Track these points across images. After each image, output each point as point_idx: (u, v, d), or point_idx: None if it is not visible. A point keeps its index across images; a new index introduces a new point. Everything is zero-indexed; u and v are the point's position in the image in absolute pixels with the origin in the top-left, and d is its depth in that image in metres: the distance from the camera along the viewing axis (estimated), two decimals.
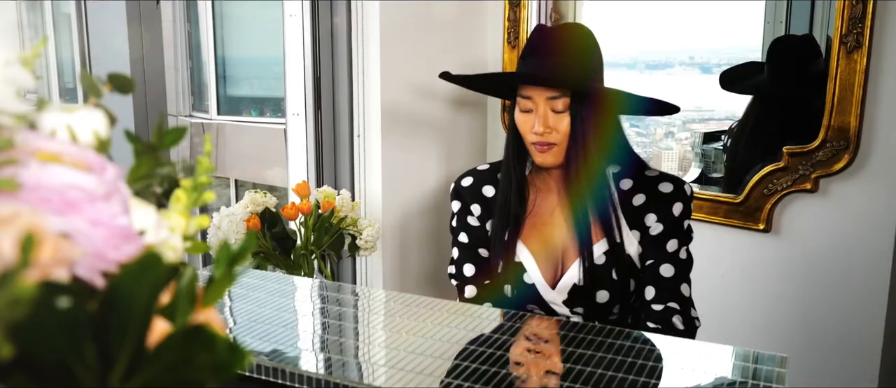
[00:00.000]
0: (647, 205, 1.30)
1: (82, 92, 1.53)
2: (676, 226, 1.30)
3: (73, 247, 0.32)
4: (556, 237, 1.34)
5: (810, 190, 1.65)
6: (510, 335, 1.02)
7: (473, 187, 1.40)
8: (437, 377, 0.86)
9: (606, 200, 1.31)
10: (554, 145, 1.28)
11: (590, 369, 0.88)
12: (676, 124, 1.96)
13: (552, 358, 0.94)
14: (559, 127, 1.27)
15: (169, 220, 0.40)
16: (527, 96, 1.28)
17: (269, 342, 0.97)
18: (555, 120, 1.27)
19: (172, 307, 0.34)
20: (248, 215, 1.64)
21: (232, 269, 0.36)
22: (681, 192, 1.31)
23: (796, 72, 1.72)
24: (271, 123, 3.02)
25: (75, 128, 0.38)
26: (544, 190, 1.37)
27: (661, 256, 1.29)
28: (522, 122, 1.30)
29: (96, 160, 0.35)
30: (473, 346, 0.95)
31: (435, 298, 1.15)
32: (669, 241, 1.29)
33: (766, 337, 1.78)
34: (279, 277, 1.35)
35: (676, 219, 1.30)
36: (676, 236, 1.30)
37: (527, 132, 1.29)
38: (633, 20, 1.95)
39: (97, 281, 0.33)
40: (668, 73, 1.91)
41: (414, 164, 2.00)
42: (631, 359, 0.91)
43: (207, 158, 0.41)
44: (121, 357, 0.32)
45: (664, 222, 1.29)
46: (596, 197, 1.30)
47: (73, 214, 0.33)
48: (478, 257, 1.38)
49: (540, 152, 1.29)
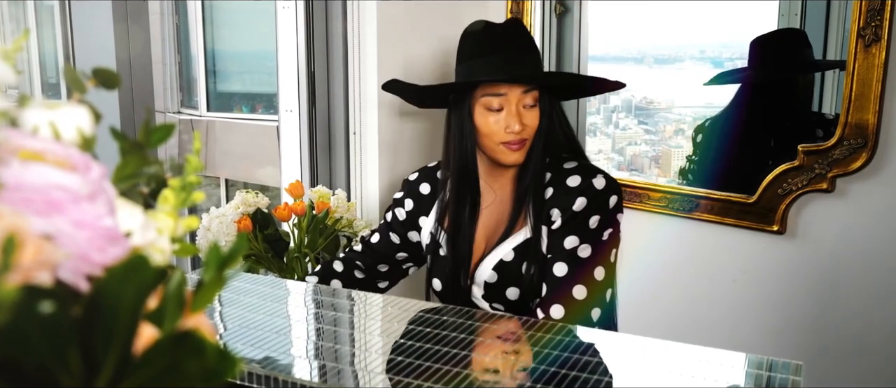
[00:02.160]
0: (553, 198, 1.31)
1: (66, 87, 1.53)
2: (576, 222, 1.28)
3: (56, 249, 0.32)
4: (484, 234, 1.39)
5: (827, 190, 1.65)
6: (509, 341, 1.02)
7: (414, 184, 1.50)
8: (436, 385, 0.86)
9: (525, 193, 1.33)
10: (526, 142, 1.31)
11: (596, 377, 0.88)
12: (686, 122, 1.96)
13: (525, 363, 0.94)
14: (532, 123, 1.31)
15: (156, 221, 0.40)
16: (498, 94, 1.29)
17: (261, 349, 0.97)
18: (527, 116, 1.31)
19: (160, 312, 0.35)
20: (240, 216, 1.64)
21: (222, 272, 0.36)
22: (588, 186, 1.29)
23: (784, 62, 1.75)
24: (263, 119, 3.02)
25: (58, 125, 0.38)
26: (486, 190, 1.41)
27: (556, 252, 1.28)
28: (492, 122, 1.31)
29: (80, 159, 0.35)
30: (474, 354, 0.95)
31: (433, 302, 1.15)
32: (568, 237, 1.27)
33: (780, 344, 1.79)
34: (271, 280, 1.35)
35: (577, 214, 1.28)
36: (576, 233, 1.27)
37: (497, 132, 1.31)
38: (642, 12, 1.95)
39: (81, 285, 0.33)
40: (678, 67, 1.91)
41: (412, 163, 2.00)
42: (638, 365, 0.91)
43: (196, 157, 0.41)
44: (106, 364, 0.32)
45: (563, 216, 1.28)
46: (529, 188, 1.33)
47: (57, 215, 0.33)
48: (382, 250, 1.51)
49: (512, 151, 1.31)
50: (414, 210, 1.49)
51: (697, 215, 1.83)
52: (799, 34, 1.71)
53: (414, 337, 1.00)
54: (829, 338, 1.72)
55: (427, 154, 2.04)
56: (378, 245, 1.52)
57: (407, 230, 1.50)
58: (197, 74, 3.14)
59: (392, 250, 1.52)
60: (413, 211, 1.49)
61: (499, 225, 1.38)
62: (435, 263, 1.44)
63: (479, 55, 1.32)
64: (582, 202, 1.28)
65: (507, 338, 1.03)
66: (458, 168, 1.36)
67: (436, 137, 2.05)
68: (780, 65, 1.75)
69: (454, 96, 1.36)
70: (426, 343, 0.98)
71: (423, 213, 1.48)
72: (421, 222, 1.49)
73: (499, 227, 1.38)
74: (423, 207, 1.48)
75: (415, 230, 1.50)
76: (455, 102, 1.36)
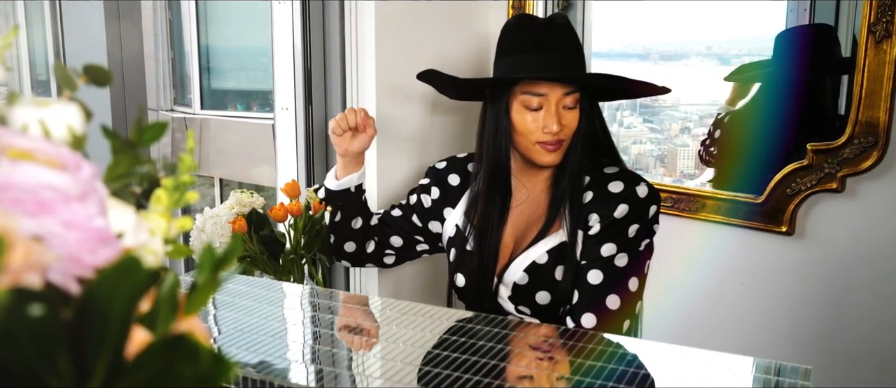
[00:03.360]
0: (593, 203, 1.30)
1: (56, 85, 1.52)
2: (616, 229, 1.28)
3: (46, 251, 0.32)
4: (514, 234, 1.38)
5: (837, 190, 1.65)
6: (512, 344, 1.02)
7: (442, 172, 1.50)
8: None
9: (563, 195, 1.33)
10: (563, 143, 1.29)
11: (600, 381, 0.88)
12: (693, 119, 1.96)
13: (561, 370, 0.94)
14: (571, 124, 1.30)
15: (149, 222, 0.40)
16: (538, 94, 1.28)
17: (257, 353, 0.97)
18: (566, 117, 1.30)
19: (153, 315, 0.35)
20: (234, 216, 1.64)
21: (216, 274, 0.36)
22: (631, 194, 1.28)
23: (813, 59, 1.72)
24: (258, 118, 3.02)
25: (49, 123, 0.38)
26: (518, 188, 1.40)
27: (593, 258, 1.28)
28: (529, 120, 1.30)
29: (71, 158, 0.35)
30: (476, 357, 0.95)
31: (434, 305, 1.15)
32: (605, 244, 1.27)
33: (788, 348, 1.78)
34: (267, 283, 1.35)
35: (617, 221, 1.28)
36: (614, 241, 1.27)
37: (533, 131, 1.30)
38: (646, 8, 1.95)
39: (72, 287, 0.33)
40: (684, 64, 1.91)
41: (412, 162, 1.99)
42: (644, 371, 0.91)
43: (190, 156, 0.41)
44: (97, 368, 0.32)
45: (603, 223, 1.28)
46: (567, 191, 1.32)
47: (47, 215, 0.33)
48: (402, 225, 1.53)
49: (548, 152, 1.30)
50: (440, 200, 1.49)
51: (704, 215, 1.83)
52: (830, 31, 1.69)
53: (448, 347, 1.00)
54: (838, 342, 1.72)
55: (427, 153, 2.03)
56: (398, 220, 1.54)
57: (429, 219, 1.51)
58: (190, 70, 3.15)
59: (412, 230, 1.53)
60: (439, 200, 1.49)
61: (530, 225, 1.37)
62: (460, 258, 1.43)
63: (521, 51, 1.30)
64: (624, 210, 1.28)
65: (543, 349, 1.03)
66: (490, 164, 1.35)
67: (436, 136, 2.05)
68: (812, 62, 1.73)
69: (491, 91, 1.35)
70: (458, 353, 0.98)
71: (450, 204, 1.48)
72: (445, 213, 1.48)
73: (530, 227, 1.37)
74: (450, 198, 1.48)
75: (438, 221, 1.50)
76: (492, 96, 1.34)
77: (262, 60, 3.06)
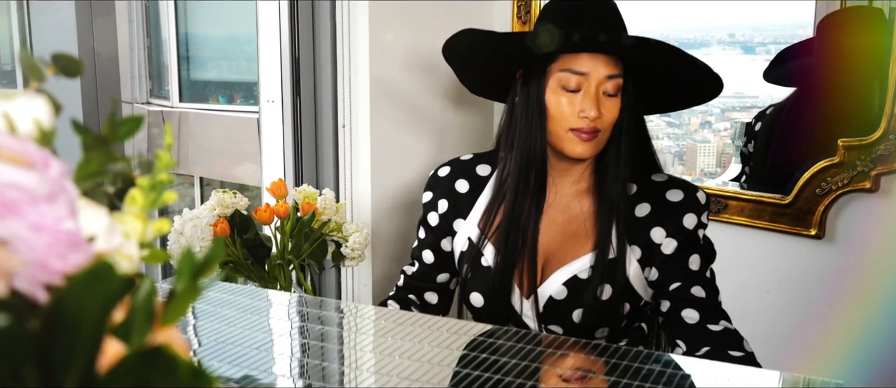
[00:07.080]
0: (653, 217, 1.29)
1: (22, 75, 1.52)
2: (693, 240, 1.29)
3: (11, 256, 0.32)
4: (545, 241, 1.34)
5: (870, 189, 1.65)
6: (521, 358, 1.02)
7: (446, 180, 1.42)
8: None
9: (613, 206, 1.29)
10: (599, 133, 1.27)
11: None
12: (714, 113, 1.96)
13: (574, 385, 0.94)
14: (609, 113, 1.27)
15: (123, 224, 0.40)
16: (578, 72, 1.24)
17: (240, 367, 0.97)
18: (605, 104, 1.26)
19: (127, 326, 0.35)
20: (216, 218, 1.64)
21: (196, 281, 0.36)
22: (693, 200, 1.29)
23: None
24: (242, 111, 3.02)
25: (14, 117, 0.38)
26: (549, 186, 1.35)
27: (686, 276, 1.28)
28: (564, 103, 1.25)
29: (38, 155, 0.35)
30: (478, 372, 0.95)
31: (432, 316, 1.15)
32: (691, 257, 1.28)
33: (818, 361, 1.78)
34: (252, 291, 1.35)
35: (691, 232, 1.28)
36: (697, 252, 1.29)
37: (568, 116, 1.25)
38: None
39: (39, 295, 0.33)
40: (705, 52, 1.91)
41: (408, 160, 2.00)
42: (664, 385, 0.91)
43: (168, 153, 0.41)
44: (67, 383, 0.32)
45: (677, 238, 1.28)
46: (615, 201, 1.29)
47: (12, 217, 0.33)
48: (419, 273, 1.44)
49: (581, 141, 1.25)
50: (449, 212, 1.40)
51: (726, 216, 1.83)
52: (878, 14, 1.67)
53: (466, 364, 1.00)
54: (872, 355, 1.72)
55: (425, 151, 2.04)
56: (419, 274, 1.45)
57: (439, 239, 1.42)
58: (168, 60, 3.15)
59: (434, 271, 1.44)
60: (448, 213, 1.41)
61: (564, 234, 1.34)
62: (474, 274, 1.36)
63: (565, 24, 1.25)
64: (692, 220, 1.29)
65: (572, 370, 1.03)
66: (523, 153, 1.30)
67: (434, 130, 2.05)
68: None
69: (524, 71, 1.30)
70: (460, 367, 0.98)
71: (461, 215, 1.40)
72: (456, 226, 1.40)
73: (564, 236, 1.33)
74: (460, 208, 1.40)
75: (448, 236, 1.42)
76: (526, 77, 1.30)
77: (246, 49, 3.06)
